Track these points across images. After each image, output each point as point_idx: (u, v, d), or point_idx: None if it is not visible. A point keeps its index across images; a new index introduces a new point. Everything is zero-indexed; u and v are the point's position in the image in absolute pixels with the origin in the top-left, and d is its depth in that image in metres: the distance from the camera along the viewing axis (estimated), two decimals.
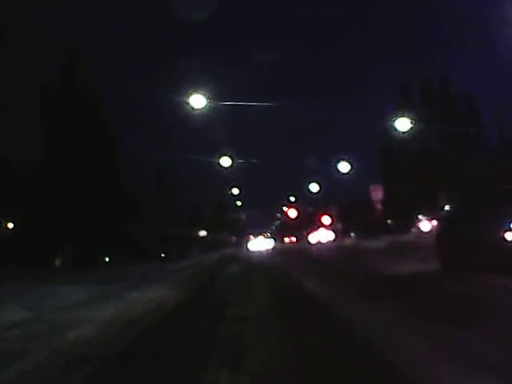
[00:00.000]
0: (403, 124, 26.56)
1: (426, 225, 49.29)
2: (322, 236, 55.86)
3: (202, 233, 57.24)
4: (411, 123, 26.64)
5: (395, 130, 27.62)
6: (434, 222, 47.40)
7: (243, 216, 78.47)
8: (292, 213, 69.51)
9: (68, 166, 26.37)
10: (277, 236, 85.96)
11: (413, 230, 48.09)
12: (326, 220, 59.90)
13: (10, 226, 28.07)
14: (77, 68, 27.99)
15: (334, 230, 55.02)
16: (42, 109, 26.88)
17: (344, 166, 32.36)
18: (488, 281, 8.65)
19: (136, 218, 31.32)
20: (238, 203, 60.39)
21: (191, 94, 20.64)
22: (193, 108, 20.93)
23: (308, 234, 64.65)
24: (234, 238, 76.14)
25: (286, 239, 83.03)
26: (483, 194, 11.20)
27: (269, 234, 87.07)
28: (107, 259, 28.98)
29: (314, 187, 44.08)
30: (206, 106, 20.90)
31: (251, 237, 72.47)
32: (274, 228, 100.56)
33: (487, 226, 9.48)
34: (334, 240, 49.98)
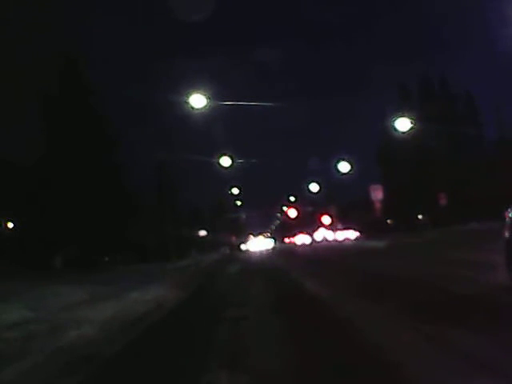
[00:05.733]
0: (403, 124, 26.53)
1: (329, 234, 50.45)
2: (304, 238, 59.50)
3: (202, 233, 57.23)
4: (411, 123, 26.62)
5: (395, 130, 27.60)
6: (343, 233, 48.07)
7: (243, 216, 78.46)
8: (292, 213, 69.50)
9: (68, 167, 26.37)
10: (277, 236, 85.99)
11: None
12: (326, 220, 60.06)
13: (10, 225, 28.06)
14: (77, 69, 27.99)
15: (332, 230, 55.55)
16: (42, 109, 26.89)
17: (344, 166, 32.29)
18: None
19: (136, 218, 31.31)
20: (238, 203, 60.38)
21: (191, 94, 20.61)
22: (193, 108, 20.90)
23: (294, 236, 67.06)
24: (234, 238, 76.12)
25: (286, 239, 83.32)
26: None
27: (269, 234, 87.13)
28: (107, 259, 28.97)
29: (314, 187, 44.05)
30: (206, 105, 20.87)
31: (251, 236, 72.51)
32: (274, 228, 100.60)
33: None
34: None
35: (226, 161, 27.67)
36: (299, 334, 5.96)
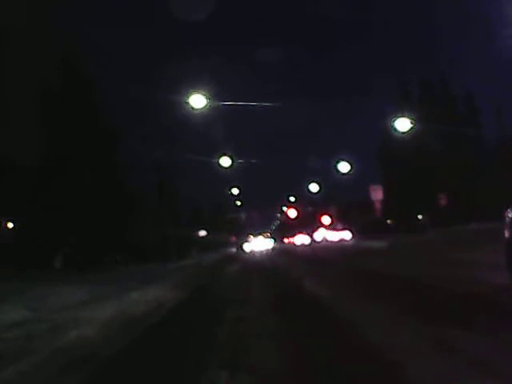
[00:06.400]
0: (403, 124, 26.54)
1: (329, 234, 50.97)
2: (304, 238, 60.12)
3: (202, 233, 57.24)
4: (411, 123, 26.62)
5: (395, 130, 27.61)
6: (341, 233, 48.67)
7: (243, 216, 78.50)
8: (292, 213, 69.54)
9: (68, 166, 26.38)
10: (276, 236, 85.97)
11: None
12: (326, 220, 60.09)
13: (10, 225, 28.03)
14: (78, 69, 28.00)
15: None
16: (43, 109, 26.87)
17: (344, 166, 32.33)
18: None
19: (136, 218, 31.31)
20: (238, 203, 60.42)
21: (191, 94, 20.63)
22: (193, 108, 20.92)
23: (293, 236, 67.49)
24: (234, 238, 76.17)
25: (286, 239, 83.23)
26: None
27: (269, 234, 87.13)
28: (107, 259, 28.95)
29: (313, 187, 44.11)
30: (206, 105, 20.89)
31: (251, 237, 72.52)
32: (274, 228, 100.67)
33: None
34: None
35: (225, 161, 27.73)
36: (299, 334, 5.96)
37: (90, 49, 35.03)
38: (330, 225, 58.43)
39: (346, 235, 48.32)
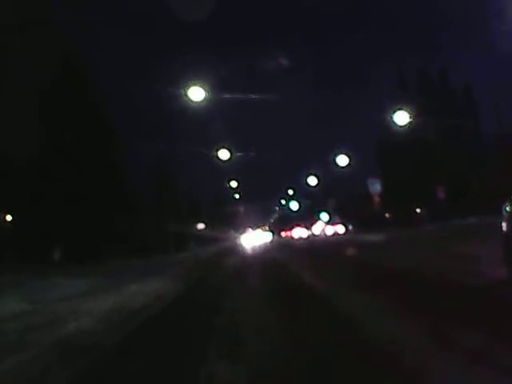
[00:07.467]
0: (402, 118, 26.54)
1: (328, 228, 51.46)
2: (302, 232, 61.92)
3: (200, 226, 57.24)
4: (410, 117, 26.61)
5: (394, 123, 27.59)
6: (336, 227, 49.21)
7: (241, 209, 78.50)
8: (293, 206, 69.50)
9: (66, 160, 26.36)
10: (275, 229, 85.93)
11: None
12: (325, 214, 60.11)
13: (9, 218, 28.03)
14: (76, 66, 27.93)
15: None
16: (42, 107, 26.80)
17: (342, 160, 32.36)
18: None
19: (135, 211, 31.34)
20: (237, 196, 60.43)
21: (190, 86, 20.59)
22: (191, 101, 20.90)
23: (291, 229, 67.73)
24: (232, 231, 76.19)
25: (283, 233, 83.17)
26: None
27: (267, 228, 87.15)
28: (106, 253, 28.98)
29: (312, 180, 44.13)
30: (204, 98, 20.87)
31: (250, 230, 72.59)
32: (272, 221, 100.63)
33: None
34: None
35: (224, 154, 27.74)
36: (298, 325, 5.98)
37: (90, 48, 34.90)
38: (328, 218, 58.46)
39: (340, 229, 48.56)
